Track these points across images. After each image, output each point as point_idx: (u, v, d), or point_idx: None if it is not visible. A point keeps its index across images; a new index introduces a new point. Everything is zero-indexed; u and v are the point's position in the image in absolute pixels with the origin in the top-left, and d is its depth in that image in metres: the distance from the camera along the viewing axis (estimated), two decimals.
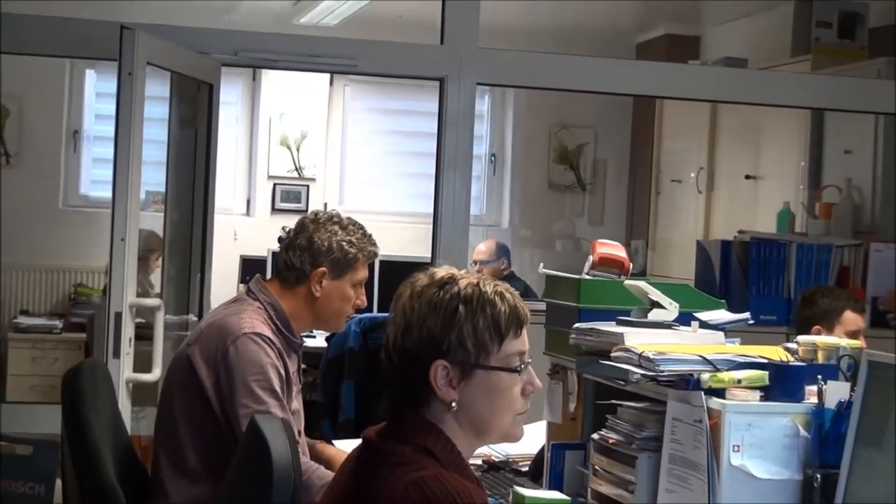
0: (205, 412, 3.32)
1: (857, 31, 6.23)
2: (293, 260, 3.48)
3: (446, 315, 2.11)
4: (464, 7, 5.25)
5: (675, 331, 3.02)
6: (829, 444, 2.45)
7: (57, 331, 7.85)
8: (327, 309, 3.50)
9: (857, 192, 5.95)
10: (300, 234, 3.50)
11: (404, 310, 2.14)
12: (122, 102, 4.46)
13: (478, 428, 2.15)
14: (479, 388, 2.13)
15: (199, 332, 3.43)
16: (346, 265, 3.47)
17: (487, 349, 2.12)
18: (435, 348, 2.10)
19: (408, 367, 2.11)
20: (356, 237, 3.50)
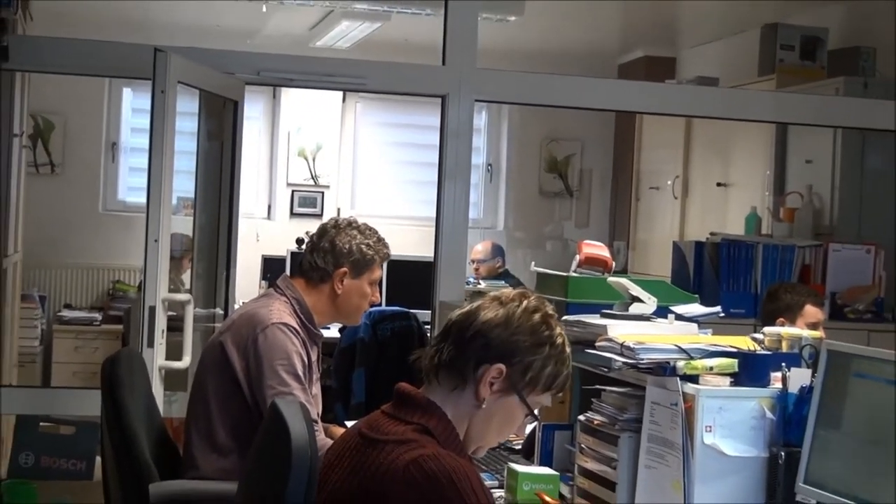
0: (235, 393, 3.35)
1: (817, 54, 6.23)
2: (317, 261, 3.50)
3: (535, 344, 2.16)
4: (463, 31, 5.25)
5: (653, 323, 3.02)
6: (792, 425, 2.45)
7: (97, 323, 7.86)
8: (348, 304, 3.54)
9: (817, 198, 5.95)
10: (323, 238, 3.53)
11: (513, 313, 2.17)
12: (156, 117, 4.46)
13: (474, 434, 2.17)
14: (504, 407, 2.17)
15: (231, 322, 3.47)
16: (365, 266, 3.51)
17: (533, 388, 2.17)
18: (507, 355, 2.14)
19: (476, 348, 2.14)
20: (373, 241, 3.54)
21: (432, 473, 1.95)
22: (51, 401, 5.61)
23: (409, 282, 6.93)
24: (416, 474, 1.95)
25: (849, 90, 5.79)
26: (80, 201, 8.27)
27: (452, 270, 5.29)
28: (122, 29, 6.47)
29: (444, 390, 2.14)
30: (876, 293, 5.40)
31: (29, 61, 5.12)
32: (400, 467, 1.97)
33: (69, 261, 8.23)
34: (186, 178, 5.11)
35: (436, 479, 1.94)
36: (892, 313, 5.40)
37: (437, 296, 5.23)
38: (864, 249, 5.45)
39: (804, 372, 2.50)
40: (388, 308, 6.51)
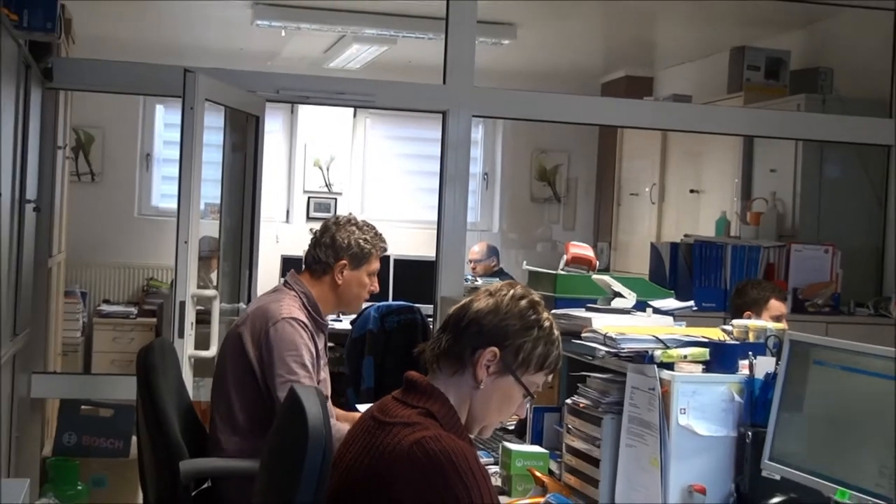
0: (251, 380, 3.36)
1: (780, 73, 6.23)
2: (320, 255, 3.52)
3: (524, 327, 2.16)
4: (462, 54, 5.26)
5: (633, 316, 3.03)
6: (758, 408, 2.45)
7: (132, 316, 7.87)
8: (348, 294, 3.54)
9: (781, 204, 5.95)
10: (325, 234, 3.55)
11: (502, 300, 2.17)
12: (185, 131, 4.47)
13: (477, 412, 2.17)
14: (500, 388, 2.16)
15: (247, 316, 3.47)
16: (363, 258, 3.51)
17: (526, 368, 2.17)
18: (499, 338, 2.14)
19: (471, 335, 2.14)
20: (370, 235, 3.55)
21: (433, 453, 1.95)
22: (91, 386, 5.61)
23: (413, 279, 6.95)
24: (419, 454, 1.95)
25: (809, 106, 5.80)
26: (117, 207, 8.28)
27: (452, 269, 5.29)
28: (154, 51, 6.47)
29: (445, 376, 2.15)
30: (833, 289, 5.41)
31: (71, 81, 5.13)
32: (405, 447, 1.97)
33: (108, 260, 8.25)
34: (213, 185, 5.12)
35: (436, 457, 1.94)
36: (847, 307, 5.41)
37: (439, 291, 5.23)
38: (822, 250, 5.46)
39: (769, 360, 2.51)
40: (394, 303, 6.53)
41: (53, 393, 5.28)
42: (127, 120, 8.29)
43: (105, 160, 8.32)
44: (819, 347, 2.37)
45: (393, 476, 1.96)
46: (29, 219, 4.59)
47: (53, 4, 4.51)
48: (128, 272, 8.35)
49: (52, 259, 5.45)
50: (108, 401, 5.29)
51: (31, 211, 4.65)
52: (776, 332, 2.61)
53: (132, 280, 8.35)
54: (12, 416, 4.50)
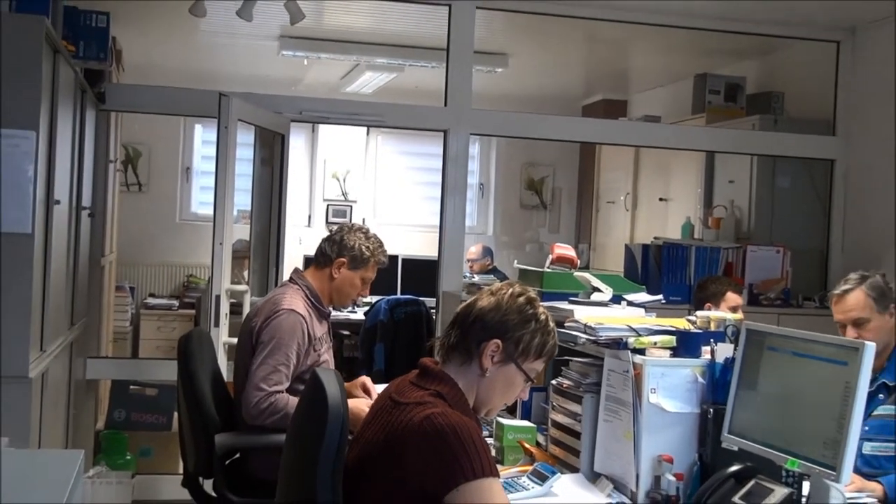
0: None
1: (738, 97, 6.23)
2: (325, 248, 3.52)
3: (523, 321, 2.16)
4: (461, 80, 5.27)
5: (609, 307, 3.03)
6: (719, 388, 2.46)
7: (174, 308, 7.87)
8: (339, 290, 3.51)
9: (738, 210, 5.95)
10: (337, 233, 3.55)
11: (499, 298, 2.18)
12: (220, 147, 4.47)
13: (483, 395, 2.17)
14: (504, 375, 2.17)
15: (259, 308, 3.44)
16: (361, 262, 3.49)
17: (526, 356, 2.18)
18: (501, 331, 2.14)
19: (476, 330, 2.15)
20: (373, 246, 3.52)
21: (440, 427, 1.95)
22: (138, 369, 5.62)
23: (418, 276, 6.95)
24: (428, 427, 1.96)
25: (762, 126, 5.81)
26: (161, 213, 8.28)
27: (452, 267, 5.30)
28: (193, 78, 6.49)
29: (455, 366, 2.15)
30: (784, 284, 5.41)
31: (121, 103, 5.14)
32: (416, 422, 1.97)
33: (153, 259, 8.25)
34: (244, 194, 5.13)
35: (443, 430, 1.95)
36: (796, 300, 5.41)
37: (441, 286, 5.24)
38: (774, 250, 5.46)
39: (728, 346, 2.51)
40: (402, 296, 6.54)
41: (105, 375, 5.28)
42: (169, 137, 8.30)
43: (150, 172, 8.32)
44: (772, 335, 2.38)
45: (405, 447, 1.97)
46: (84, 223, 4.60)
47: (105, 37, 4.53)
48: (170, 270, 8.35)
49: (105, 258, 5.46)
50: (153, 381, 5.30)
51: (87, 216, 4.66)
52: (734, 322, 2.61)
53: (174, 277, 8.36)
54: (70, 395, 4.51)
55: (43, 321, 3.48)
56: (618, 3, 5.34)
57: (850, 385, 2.10)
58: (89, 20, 4.47)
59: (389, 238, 3.73)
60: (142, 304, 7.91)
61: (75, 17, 4.40)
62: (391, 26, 6.11)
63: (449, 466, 1.92)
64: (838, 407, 2.11)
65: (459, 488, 1.91)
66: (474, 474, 1.92)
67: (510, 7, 5.41)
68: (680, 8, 5.35)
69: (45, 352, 3.54)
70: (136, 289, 8.02)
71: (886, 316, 3.05)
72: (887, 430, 2.95)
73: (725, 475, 2.28)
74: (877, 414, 2.96)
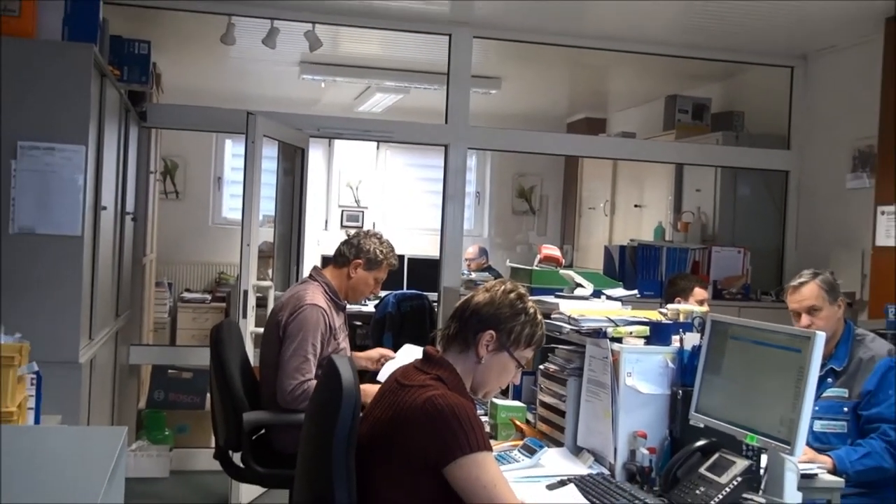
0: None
1: (703, 115, 6.23)
2: (344, 250, 3.50)
3: (514, 314, 2.16)
4: (460, 101, 5.27)
5: (590, 301, 3.02)
6: (687, 372, 2.45)
7: (207, 301, 7.87)
8: (355, 288, 3.49)
9: (704, 216, 5.95)
10: (355, 236, 3.53)
11: (493, 294, 2.17)
12: (248, 160, 4.47)
13: (479, 380, 2.17)
14: (498, 362, 2.16)
15: (283, 303, 3.42)
16: (375, 264, 3.47)
17: (517, 345, 2.17)
18: (495, 323, 2.14)
19: (473, 322, 2.14)
20: (386, 250, 3.50)
21: (441, 407, 1.95)
22: (175, 355, 5.62)
23: (422, 273, 6.94)
24: (430, 407, 1.95)
25: (725, 141, 5.81)
26: (195, 218, 8.28)
27: (452, 265, 5.30)
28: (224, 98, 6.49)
29: (454, 353, 2.15)
30: (744, 281, 5.41)
31: (160, 121, 5.14)
32: (419, 403, 1.97)
33: (188, 259, 8.25)
34: (269, 201, 5.13)
35: (443, 410, 1.94)
36: (755, 295, 5.41)
37: (442, 282, 5.24)
38: (736, 251, 5.46)
39: (695, 336, 2.51)
40: (407, 291, 6.53)
41: (146, 360, 5.28)
42: (203, 151, 8.30)
43: (186, 182, 8.32)
44: (734, 326, 2.37)
45: (409, 424, 1.96)
46: (128, 227, 4.60)
47: (147, 63, 4.53)
48: (203, 268, 8.35)
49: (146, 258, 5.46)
50: (189, 366, 5.30)
51: (130, 220, 4.66)
52: (701, 314, 2.61)
53: (207, 274, 8.36)
54: (115, 378, 4.51)
55: (91, 313, 3.48)
56: (598, 33, 5.35)
57: (803, 369, 2.10)
58: (132, 48, 4.47)
59: (396, 239, 3.72)
60: (178, 298, 7.91)
61: (120, 45, 4.40)
62: (398, 53, 6.11)
63: (448, 442, 1.92)
64: (792, 389, 2.11)
65: (458, 461, 1.91)
66: (470, 449, 1.92)
67: (503, 37, 5.42)
68: (653, 37, 5.36)
69: (94, 340, 3.54)
70: (174, 284, 8.02)
71: (835, 307, 3.06)
72: (834, 409, 2.95)
73: (693, 449, 2.27)
74: (826, 395, 2.97)
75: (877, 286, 4.63)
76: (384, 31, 5.38)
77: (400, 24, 5.26)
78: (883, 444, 2.82)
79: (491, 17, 5.16)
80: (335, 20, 5.18)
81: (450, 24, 5.21)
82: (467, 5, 4.94)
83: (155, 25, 5.31)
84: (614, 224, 7.24)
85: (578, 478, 2.35)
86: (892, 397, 2.87)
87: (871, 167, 4.89)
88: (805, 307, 3.05)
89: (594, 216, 7.59)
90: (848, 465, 2.77)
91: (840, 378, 2.99)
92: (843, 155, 5.14)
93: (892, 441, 2.82)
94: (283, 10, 5.02)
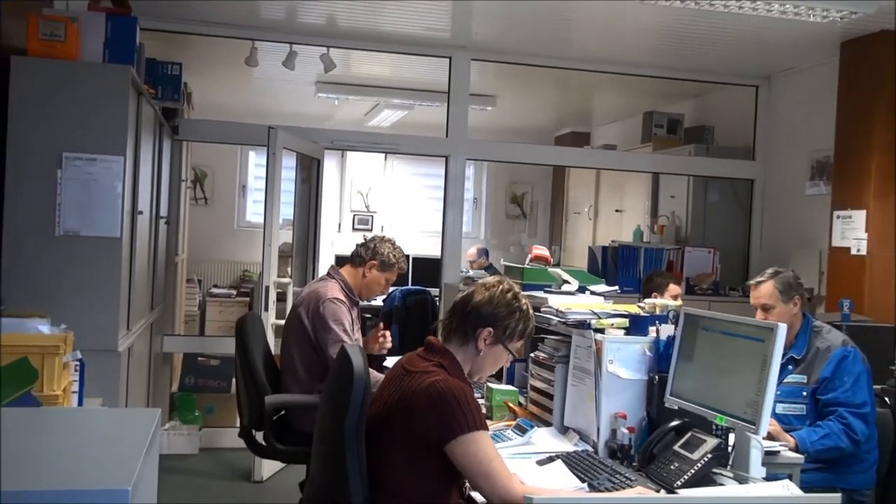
0: (308, 343, 3.33)
1: (677, 130, 6.24)
2: (361, 252, 3.50)
3: (510, 312, 2.16)
4: (459, 116, 5.27)
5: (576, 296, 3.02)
6: (663, 360, 2.45)
7: (233, 296, 7.87)
8: (368, 286, 3.49)
9: (678, 219, 5.95)
10: (371, 240, 3.53)
11: (492, 292, 2.17)
12: (269, 169, 4.47)
13: (477, 367, 2.18)
14: (493, 353, 2.17)
15: (303, 299, 3.43)
16: (388, 266, 3.48)
17: (512, 338, 2.17)
18: (493, 321, 2.14)
19: (472, 319, 2.14)
20: (398, 255, 3.51)
21: (443, 390, 1.95)
22: (204, 344, 5.62)
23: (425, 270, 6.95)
24: (433, 391, 1.96)
25: (697, 152, 5.81)
26: (222, 221, 8.29)
27: (452, 264, 5.30)
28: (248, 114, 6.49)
29: (455, 344, 2.15)
30: (714, 278, 5.41)
31: (191, 135, 5.14)
32: (423, 387, 1.97)
33: (216, 258, 8.26)
34: (288, 206, 5.13)
35: (445, 393, 1.95)
36: (723, 290, 5.41)
37: (443, 279, 5.24)
38: (706, 251, 5.46)
39: (670, 327, 2.50)
40: (412, 287, 6.53)
41: (178, 348, 5.29)
42: (229, 161, 8.31)
43: (214, 189, 8.33)
44: (705, 318, 2.37)
45: (415, 406, 1.96)
46: (162, 229, 4.60)
47: (179, 82, 4.53)
48: (229, 266, 8.36)
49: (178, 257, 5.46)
50: (216, 354, 5.30)
51: (163, 224, 4.66)
52: (675, 308, 2.60)
53: (232, 271, 8.36)
54: (150, 364, 4.51)
55: (129, 306, 3.48)
56: (583, 57, 5.35)
57: (766, 357, 2.10)
58: (166, 69, 4.47)
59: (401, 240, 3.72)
60: (207, 293, 7.91)
61: (155, 67, 4.41)
62: (404, 74, 6.11)
63: (449, 422, 1.92)
64: (757, 374, 2.11)
65: (457, 439, 1.91)
66: (469, 428, 1.92)
67: (498, 59, 5.42)
68: (632, 60, 5.36)
69: (131, 330, 3.54)
70: (203, 281, 8.03)
71: (790, 305, 3.04)
72: (794, 394, 2.96)
73: (668, 429, 2.27)
74: (787, 381, 2.97)
75: (833, 282, 4.63)
76: (391, 54, 5.38)
77: (405, 48, 5.26)
78: (840, 426, 2.83)
79: (487, 42, 5.16)
80: (347, 44, 5.18)
81: (450, 48, 5.21)
82: (466, 31, 4.95)
83: (186, 49, 5.31)
84: (597, 227, 7.24)
85: (565, 454, 2.35)
86: (847, 383, 2.88)
87: (827, 176, 4.90)
88: (759, 304, 3.06)
89: (579, 220, 7.59)
90: (808, 444, 2.78)
91: (799, 365, 3.00)
92: (802, 165, 5.15)
93: (849, 423, 2.83)
94: (301, 35, 5.02)
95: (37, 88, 3.07)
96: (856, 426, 2.83)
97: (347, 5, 4.49)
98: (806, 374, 2.97)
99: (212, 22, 4.88)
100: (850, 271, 4.47)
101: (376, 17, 4.69)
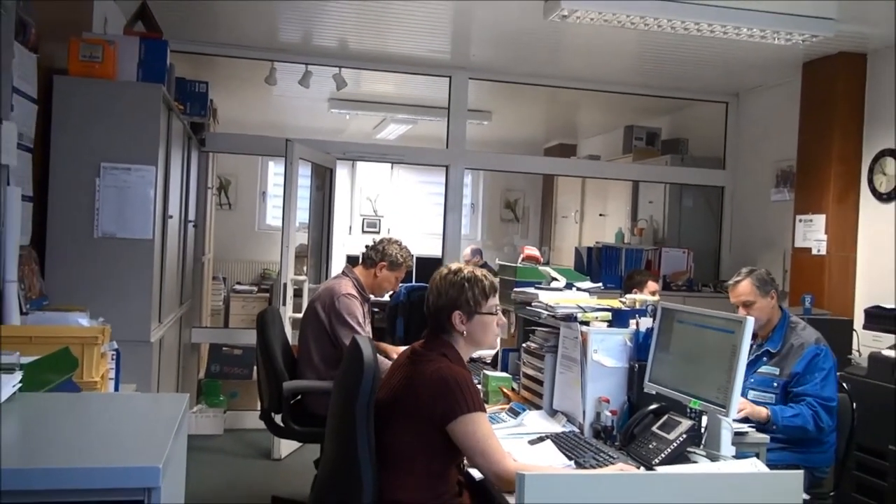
0: (324, 334, 3.33)
1: (655, 142, 6.24)
2: (371, 254, 3.49)
3: (457, 288, 2.11)
4: (458, 129, 5.27)
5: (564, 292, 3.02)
6: (642, 349, 2.45)
7: (254, 292, 7.86)
8: (379, 284, 3.50)
9: (655, 223, 5.95)
10: (381, 242, 3.52)
11: (437, 286, 2.13)
12: (287, 178, 4.47)
13: (476, 343, 2.15)
14: (477, 324, 2.12)
15: (319, 294, 3.43)
16: (396, 266, 3.48)
17: (480, 304, 2.12)
18: (453, 305, 2.10)
19: (440, 315, 2.11)
20: (406, 255, 3.51)
21: (445, 376, 1.95)
22: (228, 335, 5.62)
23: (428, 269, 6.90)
24: (436, 377, 1.96)
25: (673, 162, 5.82)
26: (244, 225, 8.29)
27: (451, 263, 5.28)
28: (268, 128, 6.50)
29: (447, 335, 2.13)
30: (688, 276, 5.41)
31: (216, 147, 5.13)
32: (428, 373, 1.98)
33: (239, 258, 8.25)
34: (304, 211, 5.13)
35: (447, 378, 1.95)
36: (697, 287, 5.41)
37: None
38: (682, 251, 5.47)
39: (648, 320, 2.50)
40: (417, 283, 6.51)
41: (205, 339, 5.29)
42: (250, 170, 8.31)
43: (237, 195, 8.32)
44: (680, 312, 2.37)
45: (420, 390, 1.97)
46: (190, 232, 4.59)
47: (205, 99, 4.53)
48: (251, 265, 8.35)
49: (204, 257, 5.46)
50: (239, 344, 5.30)
51: (191, 227, 4.66)
52: (653, 303, 2.60)
53: (254, 270, 8.36)
54: (180, 353, 4.50)
55: (160, 301, 3.48)
56: (570, 76, 5.35)
57: (735, 347, 2.10)
58: (193, 87, 4.47)
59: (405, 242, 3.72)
60: (230, 290, 7.91)
61: (184, 85, 4.40)
62: (408, 92, 6.11)
63: (451, 403, 1.92)
64: (727, 362, 2.11)
65: (458, 419, 1.92)
66: (468, 409, 1.92)
67: (494, 78, 5.42)
68: (614, 79, 5.36)
69: (162, 323, 3.53)
70: (227, 278, 8.02)
71: (768, 298, 3.06)
72: (766, 383, 2.97)
73: (647, 412, 2.27)
74: (760, 371, 2.98)
75: (795, 280, 4.63)
76: (397, 73, 5.38)
77: (410, 68, 5.26)
78: (810, 412, 2.85)
79: (484, 63, 5.16)
80: (358, 65, 5.18)
81: (450, 68, 5.21)
82: (464, 53, 4.95)
83: (212, 69, 5.32)
84: (583, 229, 7.24)
85: (554, 435, 2.35)
86: (817, 379, 2.90)
87: (790, 183, 4.90)
88: (741, 301, 3.06)
89: (566, 223, 7.59)
90: (780, 419, 2.81)
91: (774, 359, 3.00)
92: (768, 173, 5.15)
93: (817, 412, 2.86)
94: (316, 56, 5.03)
95: (77, 105, 3.07)
96: (823, 416, 2.86)
97: (357, 29, 4.50)
98: (779, 367, 2.97)
99: (235, 45, 4.89)
100: (811, 269, 4.48)
101: (384, 40, 4.69)
